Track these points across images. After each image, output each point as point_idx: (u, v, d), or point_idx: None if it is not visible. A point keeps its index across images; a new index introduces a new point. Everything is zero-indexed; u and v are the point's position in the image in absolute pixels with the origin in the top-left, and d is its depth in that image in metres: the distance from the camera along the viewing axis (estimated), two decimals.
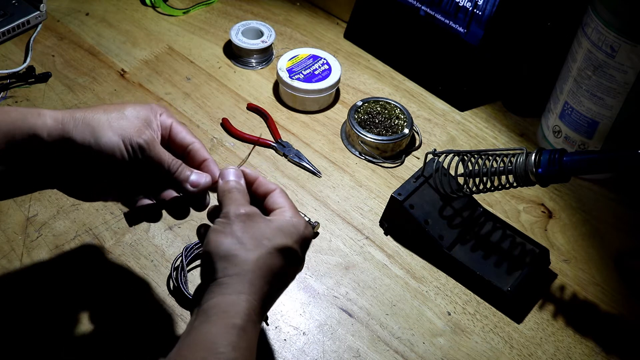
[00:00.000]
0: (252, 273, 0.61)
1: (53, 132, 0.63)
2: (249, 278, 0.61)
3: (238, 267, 0.61)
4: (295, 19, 1.25)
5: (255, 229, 0.64)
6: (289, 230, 0.65)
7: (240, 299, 0.60)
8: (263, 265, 0.62)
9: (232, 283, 0.61)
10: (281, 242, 0.64)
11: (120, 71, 1.12)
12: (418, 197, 0.88)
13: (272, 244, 0.63)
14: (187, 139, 0.70)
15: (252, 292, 0.61)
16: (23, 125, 0.63)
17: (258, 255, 0.62)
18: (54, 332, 0.78)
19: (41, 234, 0.87)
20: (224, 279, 0.61)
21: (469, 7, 1.06)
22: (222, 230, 0.64)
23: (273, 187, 0.70)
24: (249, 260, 0.62)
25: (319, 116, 1.08)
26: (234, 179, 0.69)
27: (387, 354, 0.80)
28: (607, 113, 0.94)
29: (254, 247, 0.63)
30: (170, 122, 0.70)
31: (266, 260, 0.62)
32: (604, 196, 1.00)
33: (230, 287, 0.61)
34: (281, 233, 0.64)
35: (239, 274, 0.61)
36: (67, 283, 0.82)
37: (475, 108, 1.12)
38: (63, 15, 1.21)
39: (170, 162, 0.67)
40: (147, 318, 0.80)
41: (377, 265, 0.88)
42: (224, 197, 0.67)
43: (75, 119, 0.64)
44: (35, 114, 0.64)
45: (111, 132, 0.64)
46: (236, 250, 0.62)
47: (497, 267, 0.86)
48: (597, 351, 0.82)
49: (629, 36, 0.86)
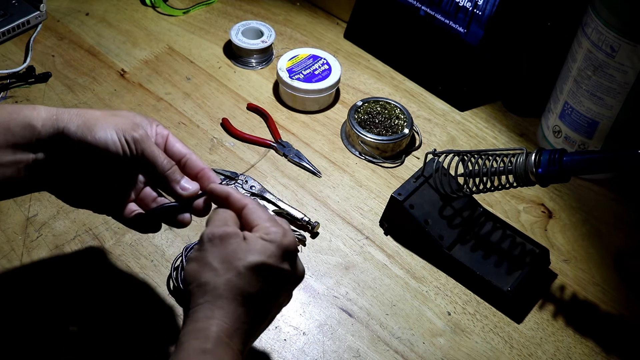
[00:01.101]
0: (222, 298, 0.61)
1: (47, 122, 0.64)
2: (219, 304, 0.61)
3: (208, 295, 0.61)
4: (295, 19, 1.25)
5: (227, 250, 0.62)
6: (264, 246, 0.62)
7: (209, 323, 0.60)
8: (233, 288, 0.61)
9: (202, 310, 0.61)
10: (253, 260, 0.61)
11: (120, 71, 1.12)
12: (418, 197, 0.88)
13: (242, 264, 0.61)
14: (183, 150, 0.70)
15: (222, 315, 0.60)
16: (18, 116, 0.64)
17: (227, 279, 0.61)
18: (54, 332, 0.78)
19: (41, 234, 0.87)
20: (195, 307, 0.61)
21: (469, 7, 1.06)
22: (195, 257, 0.63)
23: (243, 203, 0.66)
24: (218, 285, 0.61)
25: (319, 116, 1.08)
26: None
27: (387, 354, 0.80)
28: (607, 113, 0.94)
29: (224, 270, 0.62)
30: (166, 133, 0.70)
31: (236, 282, 0.61)
32: (604, 196, 1.00)
33: (200, 313, 0.61)
34: (254, 250, 0.62)
35: (209, 301, 0.61)
36: (67, 283, 0.82)
37: (475, 108, 1.12)
38: (63, 15, 1.21)
39: (163, 160, 0.67)
40: (147, 318, 0.80)
41: (377, 265, 0.88)
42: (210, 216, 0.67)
43: (70, 112, 0.65)
44: (30, 107, 0.65)
45: (106, 125, 0.65)
46: (206, 278, 0.62)
47: (497, 267, 0.86)
48: (597, 351, 0.82)
49: (629, 36, 0.86)
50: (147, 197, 0.71)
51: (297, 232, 0.90)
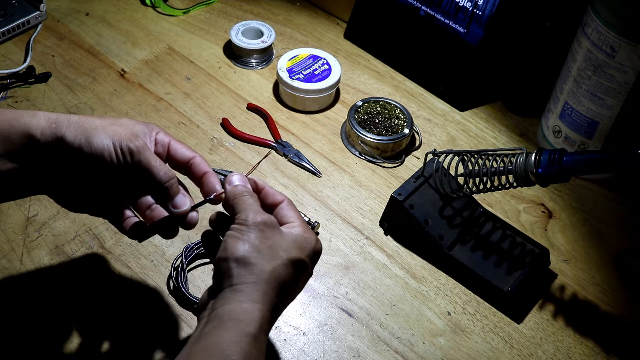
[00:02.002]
0: (267, 283, 0.62)
1: (46, 131, 0.64)
2: (264, 288, 0.62)
3: (254, 276, 0.62)
4: (295, 19, 1.25)
5: (272, 239, 0.64)
6: (303, 244, 0.66)
7: (255, 307, 0.61)
8: (278, 277, 0.63)
9: (248, 291, 0.61)
10: (296, 255, 0.64)
11: (120, 71, 1.12)
12: (418, 197, 0.88)
13: (287, 256, 0.64)
14: (188, 154, 0.70)
15: (265, 302, 0.61)
16: (17, 124, 0.64)
17: (274, 266, 0.63)
18: (53, 331, 0.78)
19: (41, 234, 0.87)
20: (241, 286, 0.62)
21: (469, 7, 1.06)
22: (240, 237, 0.64)
23: (281, 199, 0.70)
24: (265, 269, 0.62)
25: (319, 116, 1.08)
26: (241, 183, 0.69)
27: (387, 354, 0.80)
28: (607, 113, 0.94)
29: (270, 257, 0.63)
30: (168, 140, 0.70)
31: (281, 271, 0.63)
32: (604, 196, 1.00)
33: (245, 294, 0.61)
34: (296, 246, 0.65)
35: (255, 282, 0.62)
36: (67, 283, 0.82)
37: (475, 108, 1.12)
38: (63, 15, 1.21)
39: (160, 172, 0.67)
40: (147, 318, 0.80)
41: (377, 265, 0.88)
42: (236, 201, 0.67)
43: (69, 120, 0.65)
44: (30, 114, 0.65)
45: (103, 134, 0.65)
46: (254, 259, 0.62)
47: (497, 267, 0.86)
48: (597, 351, 0.82)
49: (629, 36, 0.86)
50: (144, 203, 0.70)
51: None
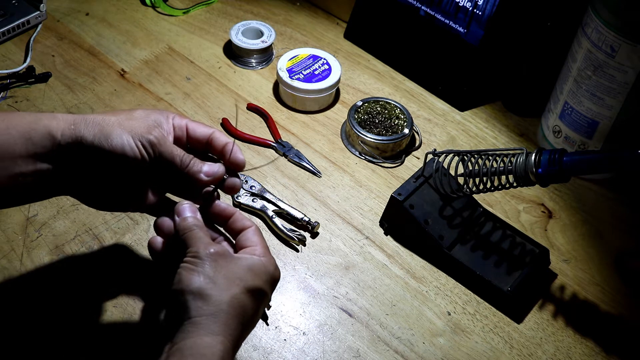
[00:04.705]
0: (226, 314, 0.61)
1: (66, 132, 0.64)
2: (224, 319, 0.61)
3: (213, 307, 0.61)
4: (295, 19, 1.25)
5: (226, 268, 0.64)
6: (260, 270, 0.65)
7: (216, 340, 0.60)
8: (237, 306, 0.62)
9: (207, 323, 0.60)
10: (252, 282, 0.64)
11: (120, 71, 1.12)
12: (418, 197, 0.88)
13: (244, 285, 0.63)
14: (207, 131, 0.72)
15: (227, 333, 0.61)
16: (38, 126, 0.64)
17: (231, 296, 0.62)
18: (53, 331, 0.78)
19: (41, 234, 0.87)
20: (199, 318, 0.61)
21: (469, 7, 1.06)
22: (194, 268, 0.63)
23: (248, 225, 0.70)
24: (222, 300, 0.62)
25: (319, 116, 1.08)
26: (191, 214, 0.68)
27: (387, 354, 0.80)
28: (607, 113, 0.94)
29: (226, 286, 0.62)
30: (184, 122, 0.71)
31: (239, 300, 0.62)
32: (604, 196, 1.00)
33: (205, 327, 0.60)
34: (252, 273, 0.64)
35: (214, 314, 0.61)
36: (67, 283, 0.82)
37: (475, 108, 1.12)
38: (63, 15, 1.21)
39: (182, 156, 0.68)
40: (147, 318, 0.80)
41: (377, 265, 0.88)
42: (186, 235, 0.66)
43: (87, 120, 0.65)
44: (49, 116, 0.65)
45: (120, 131, 0.65)
46: (210, 290, 0.62)
47: (497, 267, 0.86)
48: (597, 351, 0.82)
49: (629, 36, 0.86)
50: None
51: (297, 232, 0.90)
